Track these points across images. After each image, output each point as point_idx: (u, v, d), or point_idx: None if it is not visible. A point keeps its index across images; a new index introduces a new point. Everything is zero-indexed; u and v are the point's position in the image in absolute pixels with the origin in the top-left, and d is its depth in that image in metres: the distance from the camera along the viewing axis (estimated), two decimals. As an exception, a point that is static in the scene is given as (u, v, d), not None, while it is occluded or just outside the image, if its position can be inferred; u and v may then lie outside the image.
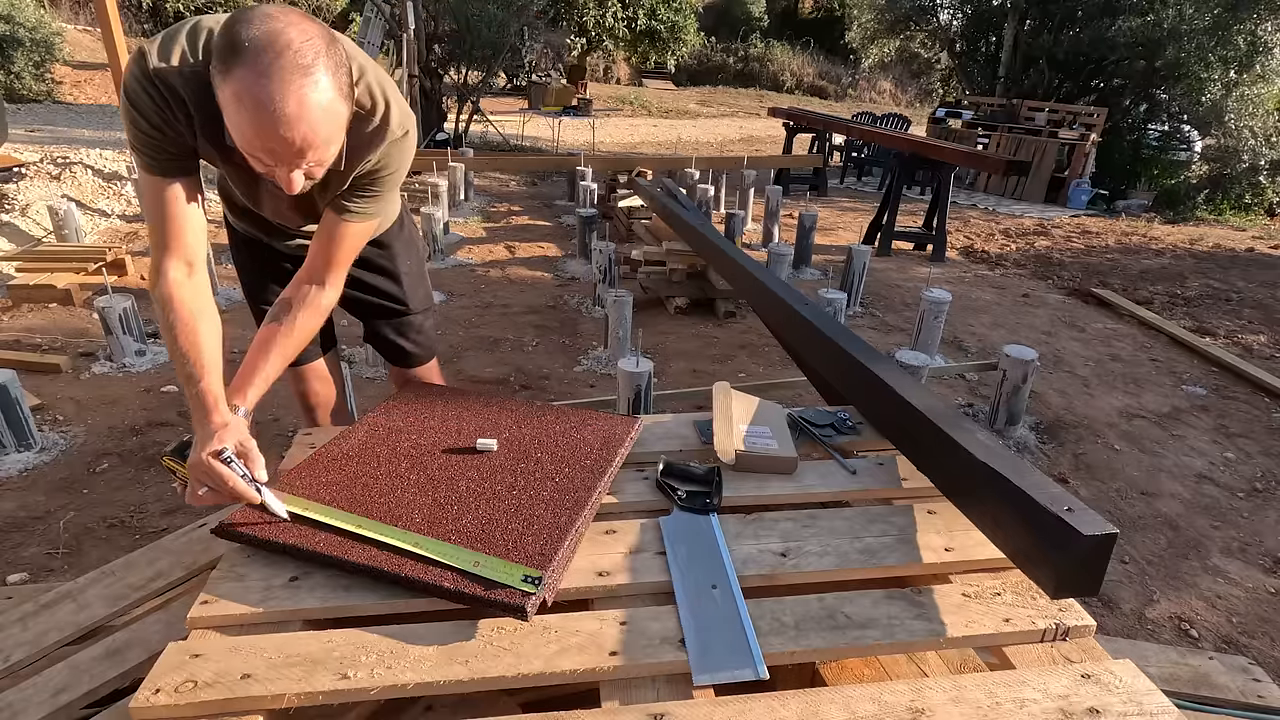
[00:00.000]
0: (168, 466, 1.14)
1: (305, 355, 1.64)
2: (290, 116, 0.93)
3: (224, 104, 0.96)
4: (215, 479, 1.05)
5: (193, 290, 1.16)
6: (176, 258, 1.16)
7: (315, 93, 0.95)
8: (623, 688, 0.90)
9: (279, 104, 0.92)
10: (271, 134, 0.94)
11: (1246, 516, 2.60)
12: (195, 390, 1.10)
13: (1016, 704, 0.87)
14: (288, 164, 1.00)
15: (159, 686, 0.85)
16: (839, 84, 22.01)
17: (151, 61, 1.06)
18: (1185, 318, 4.67)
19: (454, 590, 0.96)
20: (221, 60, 0.93)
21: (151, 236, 1.18)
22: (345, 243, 1.28)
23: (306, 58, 0.93)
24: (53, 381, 3.00)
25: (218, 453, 1.05)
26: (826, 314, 1.90)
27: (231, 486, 1.05)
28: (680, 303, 4.21)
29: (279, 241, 1.53)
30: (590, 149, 8.90)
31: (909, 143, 6.11)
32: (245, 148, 0.99)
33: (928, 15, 11.69)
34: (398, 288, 1.66)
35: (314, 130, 0.97)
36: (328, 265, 1.28)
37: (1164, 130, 9.99)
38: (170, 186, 1.14)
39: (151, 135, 1.10)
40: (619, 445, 1.33)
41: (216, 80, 0.96)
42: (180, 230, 1.16)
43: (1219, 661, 1.57)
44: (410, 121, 1.25)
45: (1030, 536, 1.02)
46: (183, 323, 1.13)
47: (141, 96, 1.07)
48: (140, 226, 5.22)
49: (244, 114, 0.94)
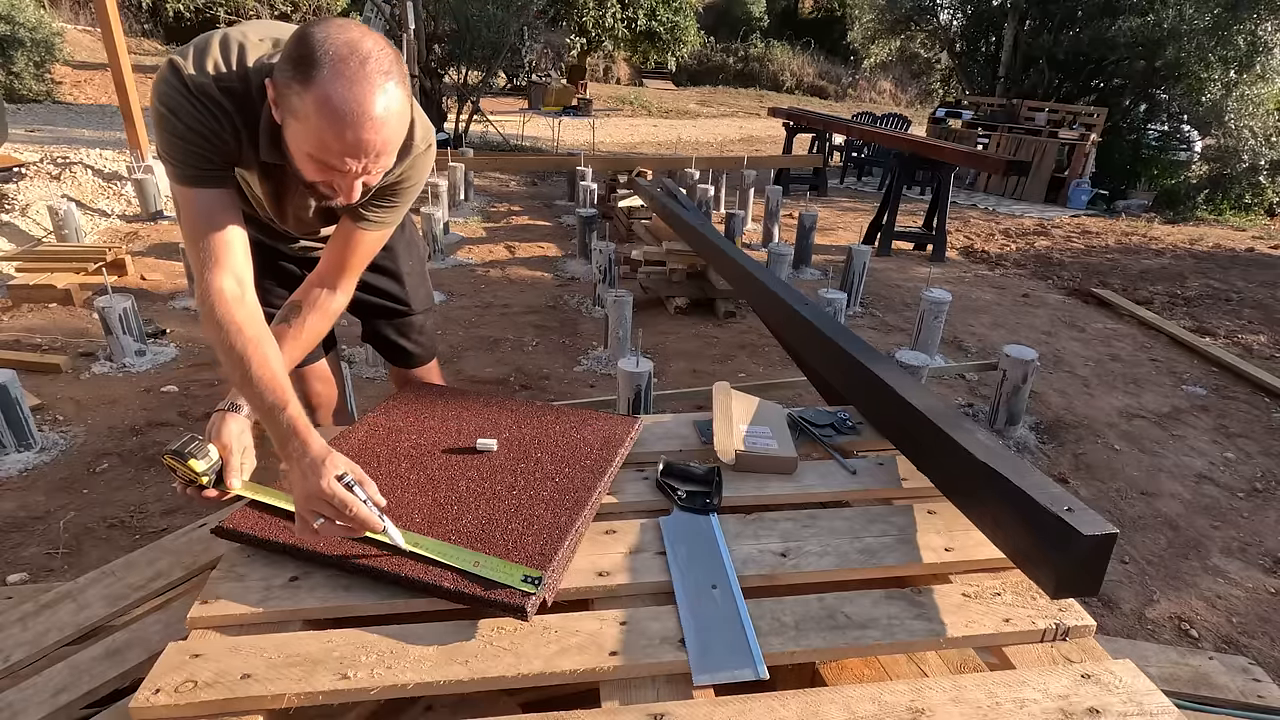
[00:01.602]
0: (168, 465, 1.11)
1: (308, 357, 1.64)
2: (377, 120, 0.96)
3: (301, 113, 0.96)
4: (338, 505, 0.95)
5: (250, 312, 1.09)
6: (228, 274, 1.09)
7: (394, 98, 0.98)
8: (623, 688, 0.90)
9: (367, 108, 0.95)
10: (355, 138, 0.96)
11: (1246, 516, 2.60)
12: (282, 418, 1.01)
13: (1016, 704, 0.87)
14: (358, 170, 1.01)
15: (159, 686, 0.85)
16: (839, 84, 22.01)
17: (189, 73, 1.05)
18: (1185, 318, 4.67)
19: (454, 590, 0.96)
20: (299, 70, 0.95)
21: (196, 253, 1.10)
22: (360, 250, 1.30)
23: (385, 64, 0.97)
24: (53, 381, 3.00)
25: (340, 477, 0.97)
26: (826, 314, 1.90)
27: (356, 513, 0.95)
28: (680, 303, 4.21)
29: (283, 244, 1.53)
30: (590, 149, 8.90)
31: (909, 143, 6.11)
32: (320, 154, 0.99)
33: (928, 15, 11.69)
34: (400, 288, 1.66)
35: (393, 134, 1.01)
36: (341, 271, 1.30)
37: (1164, 130, 9.99)
38: (216, 198, 1.11)
39: (198, 146, 1.08)
40: (619, 445, 1.33)
41: (288, 91, 0.97)
42: (228, 245, 1.11)
43: (1219, 661, 1.57)
44: (431, 135, 1.25)
45: (1030, 536, 1.02)
46: (254, 347, 1.05)
47: (185, 107, 1.06)
48: (140, 226, 5.22)
49: (328, 119, 0.95)
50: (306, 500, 0.97)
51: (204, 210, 1.10)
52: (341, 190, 1.05)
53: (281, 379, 1.05)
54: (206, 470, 1.10)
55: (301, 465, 0.98)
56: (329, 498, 0.95)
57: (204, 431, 1.15)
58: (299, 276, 1.55)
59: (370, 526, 0.97)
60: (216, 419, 1.16)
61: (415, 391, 1.55)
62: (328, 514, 0.96)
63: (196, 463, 1.08)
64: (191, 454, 1.09)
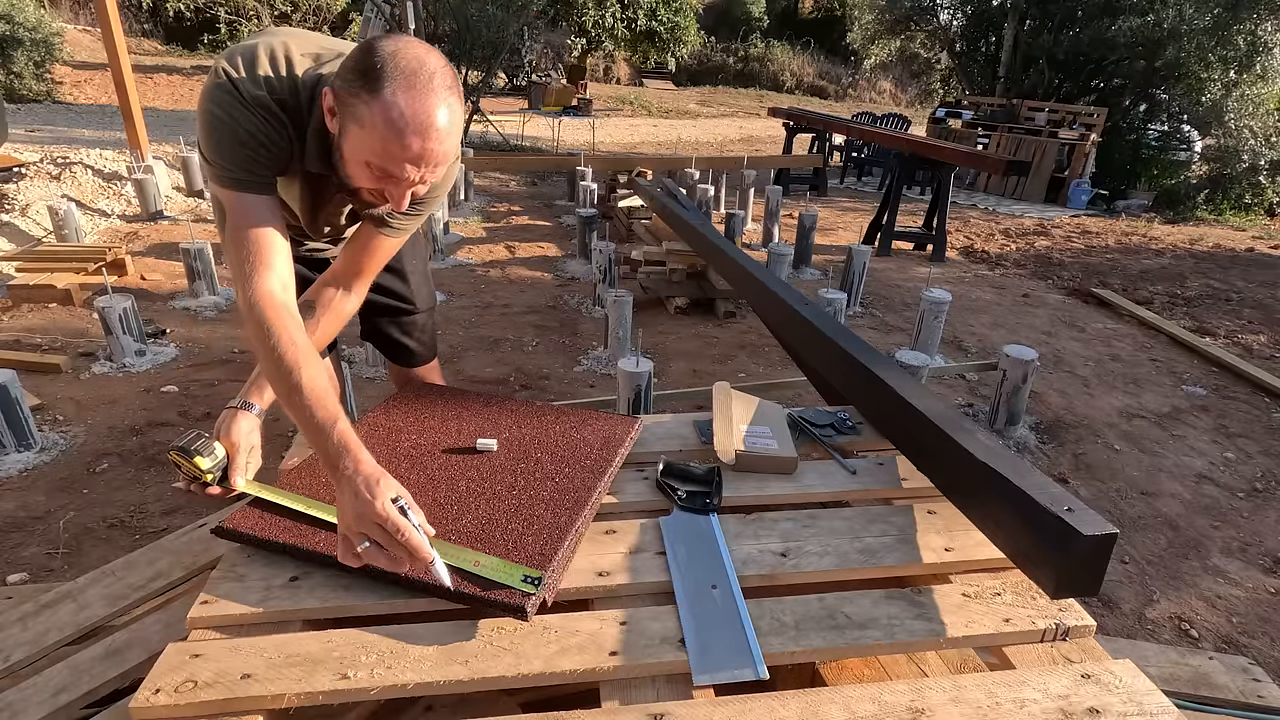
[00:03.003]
0: (173, 460, 1.10)
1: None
2: (441, 132, 1.01)
3: (367, 121, 0.99)
4: (390, 530, 0.90)
5: (297, 322, 1.08)
6: (274, 277, 1.09)
7: (455, 113, 1.04)
8: (623, 688, 0.90)
9: (434, 119, 1.00)
10: (421, 147, 1.00)
11: (1246, 516, 2.60)
12: (333, 434, 0.97)
13: (1016, 704, 0.87)
14: (416, 179, 1.05)
15: (159, 686, 0.85)
16: (839, 84, 22.01)
17: (244, 83, 1.07)
18: (1185, 318, 4.67)
19: (454, 590, 0.96)
20: (367, 80, 0.98)
21: (240, 255, 1.09)
22: (378, 255, 1.32)
23: (449, 80, 1.02)
24: (53, 381, 3.00)
25: (394, 500, 0.92)
26: (826, 314, 1.90)
27: (408, 539, 0.90)
28: (680, 303, 4.21)
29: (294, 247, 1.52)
30: (590, 149, 8.90)
31: (909, 143, 6.11)
32: (382, 161, 1.02)
33: (928, 15, 11.69)
34: (404, 286, 1.66)
35: (451, 147, 1.05)
36: (357, 275, 1.32)
37: (1164, 130, 9.99)
38: (264, 204, 1.12)
39: (253, 152, 1.09)
40: (619, 445, 1.33)
41: (354, 100, 0.99)
42: (275, 249, 1.11)
43: (1219, 661, 1.57)
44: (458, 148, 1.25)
45: (1030, 536, 1.02)
46: (304, 360, 1.02)
47: (243, 113, 1.07)
48: (140, 226, 5.22)
49: (395, 128, 0.98)
50: (358, 521, 0.91)
51: (252, 214, 1.11)
52: (393, 198, 1.08)
53: (331, 394, 1.02)
54: (212, 468, 1.09)
55: (354, 485, 0.92)
56: (383, 520, 0.89)
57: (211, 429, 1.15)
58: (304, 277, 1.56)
59: (420, 556, 0.91)
60: (226, 415, 1.16)
61: (415, 391, 1.55)
62: (377, 537, 0.91)
63: (202, 460, 1.08)
64: (198, 451, 1.08)
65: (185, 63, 12.31)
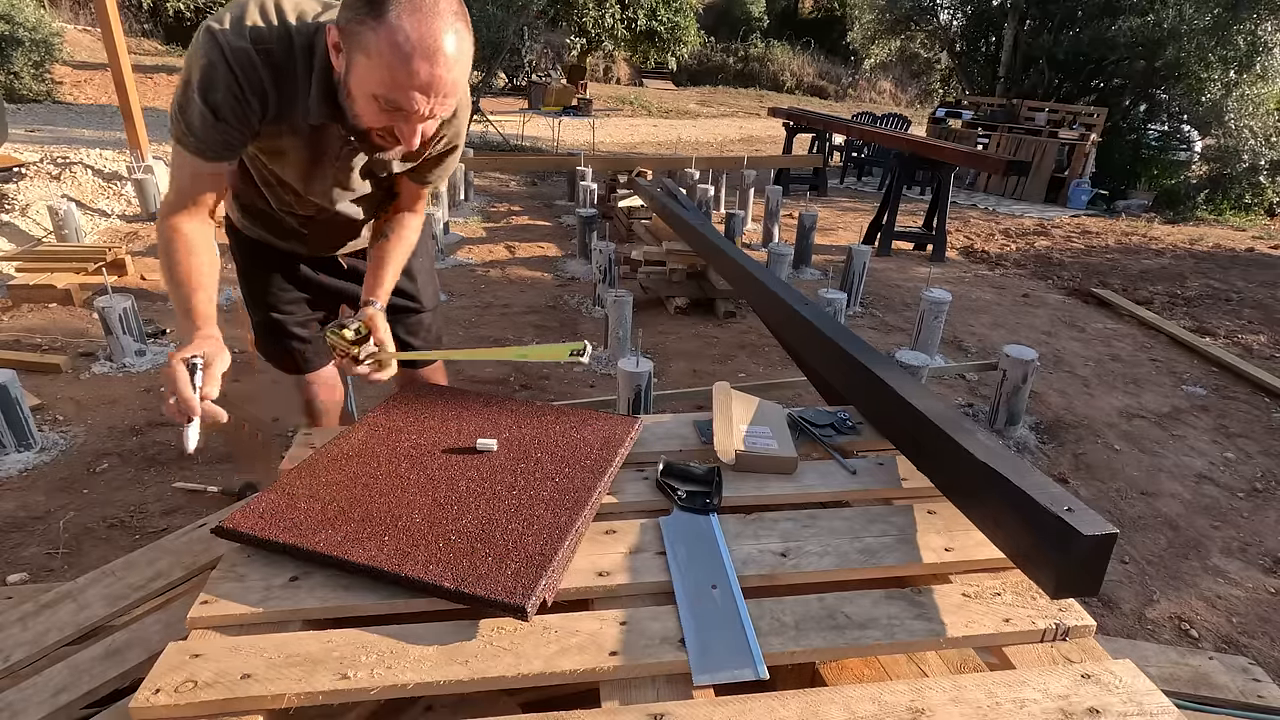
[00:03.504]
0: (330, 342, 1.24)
1: (314, 362, 1.69)
2: (450, 57, 0.99)
3: (373, 49, 0.98)
4: (169, 379, 1.02)
5: (200, 233, 1.18)
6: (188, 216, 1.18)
7: (465, 39, 1.02)
8: (623, 688, 0.90)
9: (442, 43, 0.98)
10: (429, 73, 0.98)
11: (1246, 516, 2.60)
12: (187, 307, 1.11)
13: (1016, 704, 0.87)
14: (425, 110, 1.03)
15: (159, 686, 0.85)
16: (839, 84, 22.01)
17: (226, 34, 1.06)
18: (1185, 318, 4.67)
19: (454, 590, 0.96)
20: (372, 7, 0.96)
21: (173, 206, 1.17)
22: (422, 191, 1.45)
23: (455, 5, 1.00)
24: (53, 381, 3.00)
25: (189, 358, 1.04)
26: (826, 314, 1.90)
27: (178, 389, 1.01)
28: (680, 303, 4.21)
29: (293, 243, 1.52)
30: (590, 149, 8.90)
31: (909, 143, 6.11)
32: (390, 91, 1.00)
33: (928, 15, 11.69)
34: (412, 284, 1.67)
35: (460, 75, 1.03)
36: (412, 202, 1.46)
37: (1164, 130, 9.99)
38: (213, 171, 1.16)
39: (218, 127, 1.10)
40: (619, 445, 1.33)
41: (359, 28, 0.98)
42: (205, 207, 1.19)
43: (1219, 661, 1.57)
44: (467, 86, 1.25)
45: (1030, 536, 1.02)
46: (182, 251, 1.15)
47: (218, 87, 1.07)
48: (140, 227, 5.22)
49: (402, 53, 0.97)
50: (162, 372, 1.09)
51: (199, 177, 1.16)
52: (403, 136, 1.07)
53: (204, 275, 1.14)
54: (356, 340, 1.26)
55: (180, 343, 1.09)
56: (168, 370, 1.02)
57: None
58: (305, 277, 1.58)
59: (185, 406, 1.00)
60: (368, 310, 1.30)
61: (415, 391, 1.55)
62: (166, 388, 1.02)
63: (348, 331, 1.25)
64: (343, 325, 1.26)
65: (185, 63, 12.30)
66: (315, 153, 1.25)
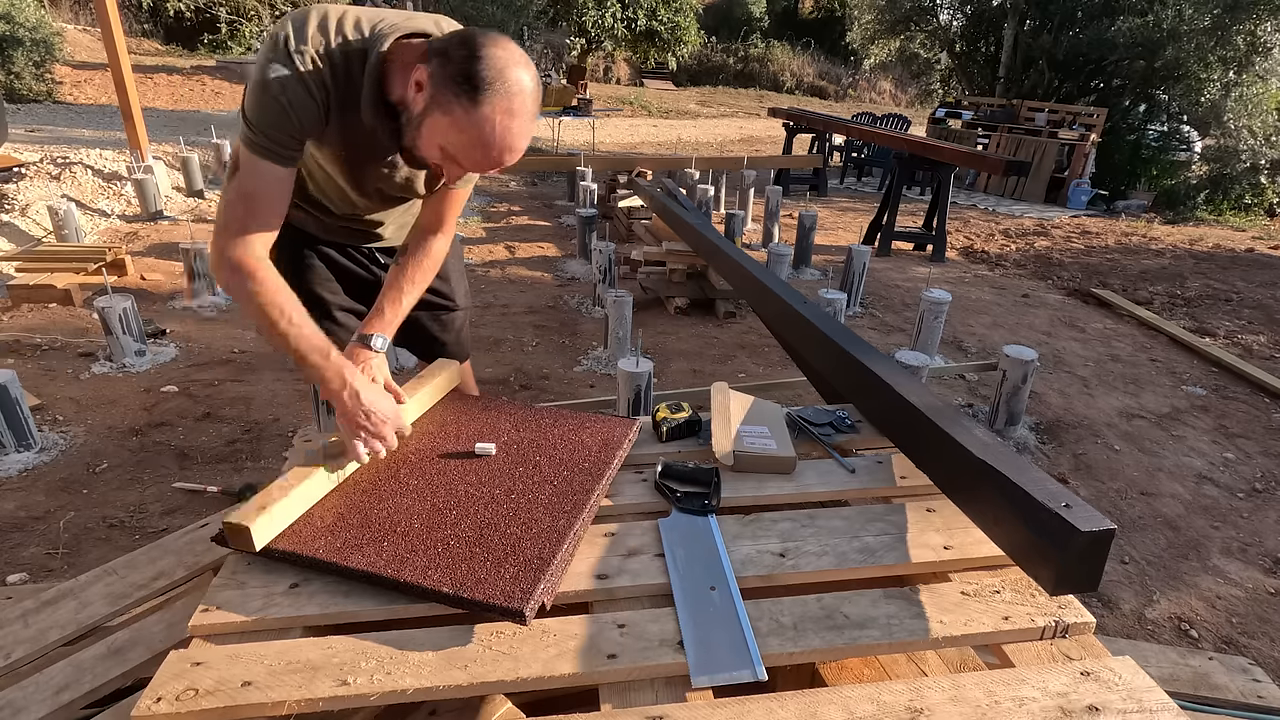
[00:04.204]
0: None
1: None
2: (512, 150, 1.11)
3: (460, 122, 1.07)
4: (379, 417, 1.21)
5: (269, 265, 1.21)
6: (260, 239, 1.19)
7: (532, 131, 1.13)
8: (621, 690, 0.90)
9: (517, 143, 1.10)
10: (497, 159, 1.11)
11: (1246, 517, 2.60)
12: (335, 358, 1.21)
13: (1016, 702, 0.87)
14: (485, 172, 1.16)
15: (160, 695, 0.85)
16: (839, 84, 22.00)
17: (303, 44, 1.13)
18: (1185, 318, 4.67)
19: (453, 595, 0.96)
20: (468, 90, 1.05)
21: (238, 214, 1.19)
22: (454, 203, 1.46)
23: (537, 100, 1.12)
24: (53, 381, 3.00)
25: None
26: (826, 314, 1.90)
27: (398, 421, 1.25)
28: (680, 303, 4.21)
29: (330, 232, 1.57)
30: (590, 149, 8.90)
31: (909, 143, 6.11)
32: (459, 157, 1.12)
33: (928, 15, 11.69)
34: (444, 283, 1.69)
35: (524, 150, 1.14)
36: (441, 221, 1.46)
37: (1164, 130, 9.99)
38: (282, 175, 1.19)
39: (295, 131, 1.16)
40: (617, 447, 1.33)
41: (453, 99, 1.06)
42: (272, 215, 1.21)
43: (1219, 662, 1.57)
44: None
45: (1029, 533, 1.02)
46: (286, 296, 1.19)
47: (295, 88, 1.13)
48: (140, 226, 5.22)
49: (483, 141, 1.08)
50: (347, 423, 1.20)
51: (272, 182, 1.19)
52: (449, 177, 1.19)
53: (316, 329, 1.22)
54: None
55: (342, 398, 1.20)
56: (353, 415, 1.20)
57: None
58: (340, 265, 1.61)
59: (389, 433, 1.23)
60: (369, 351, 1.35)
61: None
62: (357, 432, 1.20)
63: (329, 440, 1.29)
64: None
65: (185, 63, 12.31)
66: (362, 154, 1.31)
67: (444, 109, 1.07)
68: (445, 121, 1.08)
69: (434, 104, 1.08)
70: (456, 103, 1.06)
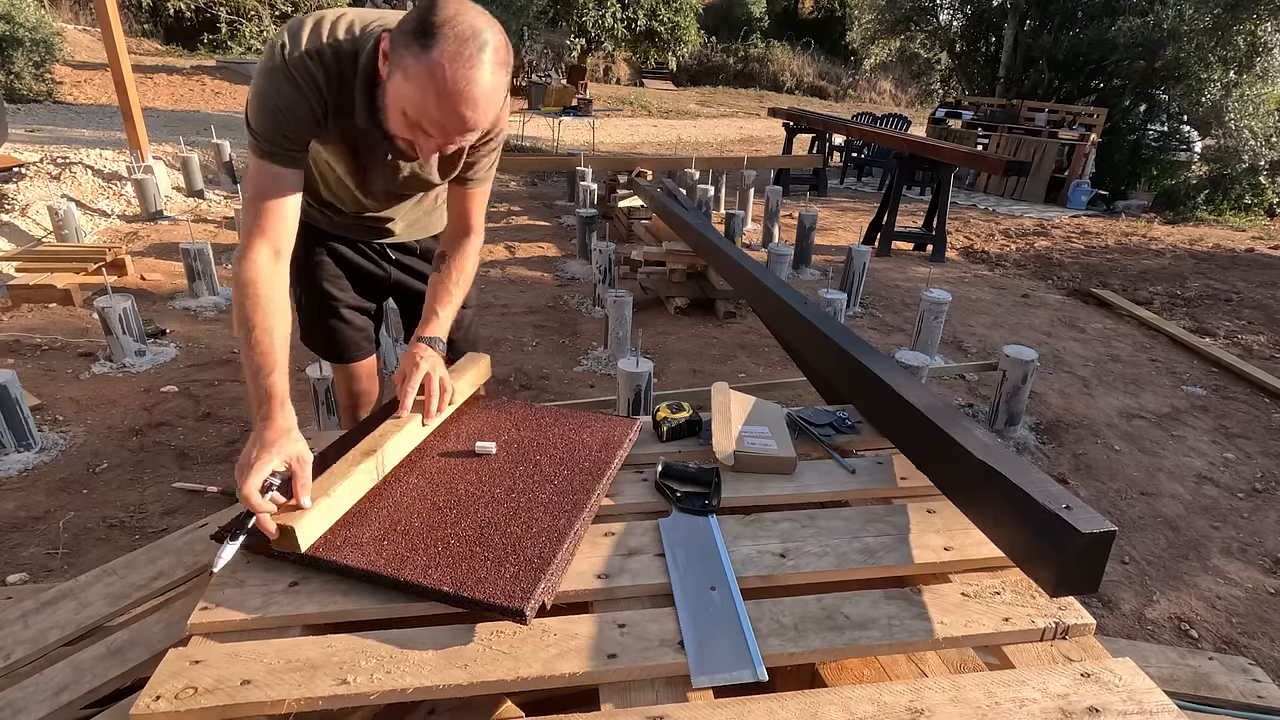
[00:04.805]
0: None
1: (357, 353, 1.75)
2: (479, 102, 1.06)
3: (411, 72, 1.03)
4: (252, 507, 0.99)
5: (273, 281, 1.17)
6: (267, 243, 1.18)
7: (498, 90, 1.08)
8: (621, 690, 0.90)
9: (472, 92, 1.04)
10: (452, 112, 1.05)
11: (1246, 517, 2.60)
12: (263, 383, 1.09)
13: (1016, 703, 0.87)
14: (441, 141, 1.11)
15: (159, 693, 0.85)
16: (839, 84, 22.00)
17: (287, 47, 1.13)
18: (1185, 318, 4.67)
19: (453, 595, 0.96)
20: (419, 38, 1.01)
21: (248, 219, 1.18)
22: (475, 203, 1.46)
23: (501, 56, 1.06)
24: (53, 381, 3.00)
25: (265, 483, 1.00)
26: (826, 314, 1.90)
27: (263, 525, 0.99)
28: (680, 303, 4.21)
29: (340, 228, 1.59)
30: (590, 149, 8.90)
31: (909, 143, 6.11)
32: (415, 114, 1.07)
33: (928, 15, 11.69)
34: None
35: (483, 120, 1.09)
36: (469, 222, 1.47)
37: (1164, 130, 10.00)
38: (287, 176, 1.19)
39: (292, 132, 1.16)
40: (618, 447, 1.33)
41: (405, 50, 1.03)
42: (281, 218, 1.19)
43: (1219, 662, 1.57)
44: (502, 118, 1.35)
45: (1029, 534, 1.02)
46: (261, 312, 1.13)
47: (289, 92, 1.14)
48: (140, 226, 5.22)
49: (433, 88, 1.03)
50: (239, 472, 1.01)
51: (274, 183, 1.18)
52: (420, 150, 1.15)
53: (278, 348, 1.13)
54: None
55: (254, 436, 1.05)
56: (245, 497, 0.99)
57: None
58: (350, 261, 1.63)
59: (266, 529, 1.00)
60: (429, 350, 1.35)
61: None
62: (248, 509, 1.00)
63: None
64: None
65: (185, 63, 12.30)
66: (365, 157, 1.32)
67: (399, 66, 1.05)
68: (400, 79, 1.05)
69: (393, 65, 1.07)
70: (409, 55, 1.03)
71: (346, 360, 1.74)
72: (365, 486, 1.15)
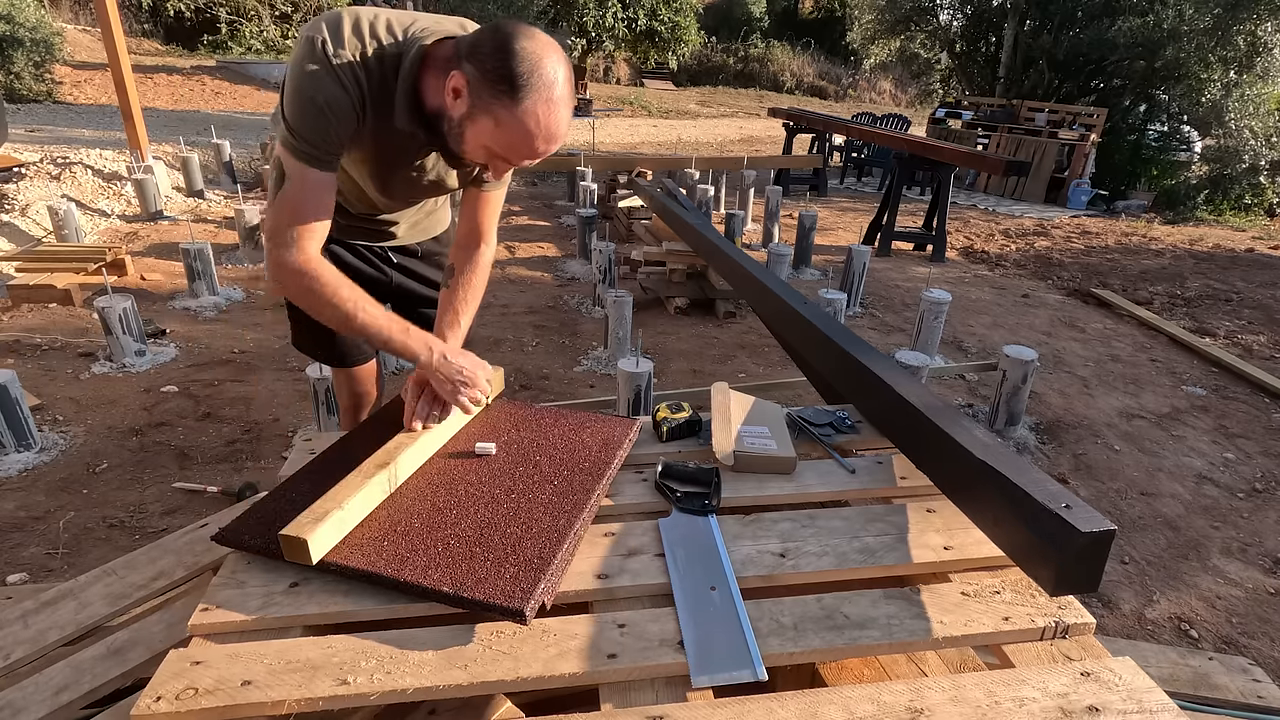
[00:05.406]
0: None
1: (358, 356, 1.74)
2: (555, 138, 1.15)
3: (503, 121, 1.09)
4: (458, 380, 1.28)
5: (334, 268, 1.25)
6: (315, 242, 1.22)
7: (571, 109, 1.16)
8: (621, 690, 0.90)
9: (559, 130, 1.14)
10: (544, 149, 1.15)
11: (1246, 517, 2.60)
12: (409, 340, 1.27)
13: (1016, 703, 0.87)
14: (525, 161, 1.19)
15: (160, 694, 0.85)
16: (839, 84, 22.00)
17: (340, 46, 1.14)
18: (1185, 318, 4.67)
19: (453, 595, 0.96)
20: (509, 91, 1.07)
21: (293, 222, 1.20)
22: (490, 207, 1.49)
23: (572, 84, 1.14)
24: (53, 381, 3.00)
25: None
26: (826, 314, 1.90)
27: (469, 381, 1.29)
28: (680, 303, 4.21)
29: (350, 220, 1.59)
30: (590, 149, 8.90)
31: (909, 143, 6.11)
32: (505, 154, 1.15)
33: (928, 15, 11.69)
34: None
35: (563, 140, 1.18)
36: (481, 229, 1.49)
37: (1164, 130, 10.00)
38: (330, 180, 1.22)
39: (335, 132, 1.17)
40: (618, 447, 1.33)
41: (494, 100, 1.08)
42: (325, 223, 1.23)
43: (1219, 662, 1.57)
44: None
45: (1029, 533, 1.02)
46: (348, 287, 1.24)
47: (333, 89, 1.14)
48: (140, 226, 5.22)
49: (528, 134, 1.11)
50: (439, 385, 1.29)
51: (317, 187, 1.21)
52: (496, 171, 1.23)
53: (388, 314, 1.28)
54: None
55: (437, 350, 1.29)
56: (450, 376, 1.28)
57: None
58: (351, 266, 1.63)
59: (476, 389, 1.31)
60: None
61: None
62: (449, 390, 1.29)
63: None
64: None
65: (185, 63, 12.30)
66: (393, 156, 1.33)
67: (486, 111, 1.10)
68: (489, 124, 1.11)
69: (475, 109, 1.11)
70: (498, 103, 1.08)
71: (348, 365, 1.74)
72: (377, 499, 1.15)
